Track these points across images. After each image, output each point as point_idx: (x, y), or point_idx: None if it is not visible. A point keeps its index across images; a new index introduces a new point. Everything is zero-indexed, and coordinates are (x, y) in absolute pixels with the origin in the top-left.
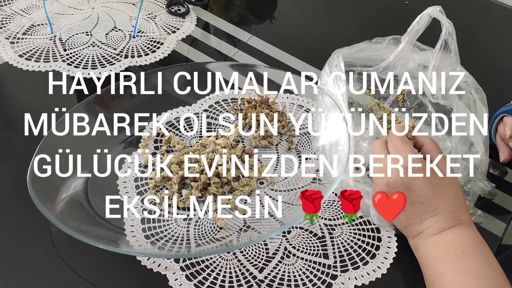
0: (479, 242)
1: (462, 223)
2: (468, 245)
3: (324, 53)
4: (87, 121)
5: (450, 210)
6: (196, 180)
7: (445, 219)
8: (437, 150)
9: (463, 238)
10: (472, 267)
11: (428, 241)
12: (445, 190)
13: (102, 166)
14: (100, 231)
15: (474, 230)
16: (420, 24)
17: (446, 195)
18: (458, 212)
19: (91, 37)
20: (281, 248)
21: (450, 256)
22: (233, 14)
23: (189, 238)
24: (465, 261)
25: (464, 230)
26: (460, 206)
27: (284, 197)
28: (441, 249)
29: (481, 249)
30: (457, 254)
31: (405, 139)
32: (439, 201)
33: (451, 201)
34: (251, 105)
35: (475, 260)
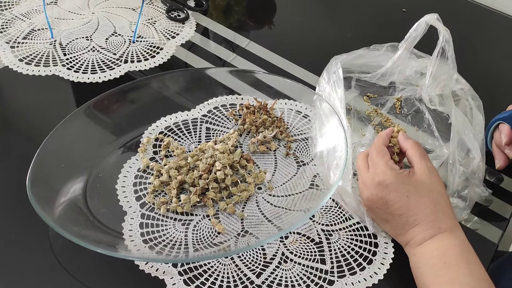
0: (461, 250)
1: (443, 231)
2: (449, 254)
3: (323, 59)
4: (86, 126)
5: (428, 220)
6: (195, 185)
7: (425, 229)
8: (418, 155)
9: (444, 247)
10: (454, 278)
11: (414, 252)
12: (421, 200)
13: (101, 171)
14: (98, 235)
15: (456, 237)
16: (417, 31)
17: (423, 204)
18: (437, 220)
19: (91, 42)
20: (279, 253)
21: (432, 267)
22: (232, 19)
23: (187, 243)
24: (446, 272)
25: (445, 238)
26: (439, 213)
27: (282, 202)
28: (425, 260)
29: (463, 257)
30: (439, 266)
31: (381, 150)
32: (417, 212)
33: (429, 210)
34: (250, 111)
35: (457, 270)
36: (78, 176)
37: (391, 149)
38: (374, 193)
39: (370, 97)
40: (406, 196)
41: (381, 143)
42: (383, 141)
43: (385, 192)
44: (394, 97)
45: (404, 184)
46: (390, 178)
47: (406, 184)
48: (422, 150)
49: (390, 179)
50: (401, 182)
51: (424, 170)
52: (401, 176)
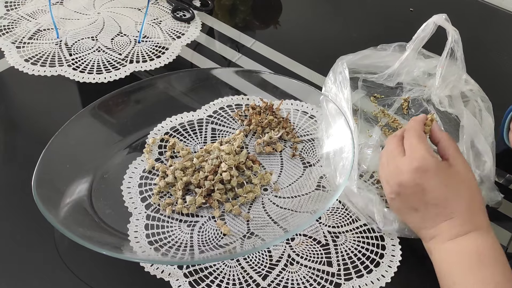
0: (496, 250)
1: (478, 229)
2: (484, 253)
3: (329, 59)
4: (91, 127)
5: (465, 214)
6: (200, 186)
7: (460, 223)
8: (453, 148)
9: (479, 245)
10: (488, 277)
11: (443, 247)
12: (460, 192)
13: (106, 172)
14: (103, 236)
15: (491, 236)
16: (425, 32)
17: (461, 197)
18: (474, 216)
19: (96, 42)
20: (285, 255)
21: (465, 265)
22: (238, 19)
23: (193, 245)
24: (480, 271)
25: (480, 236)
26: (476, 209)
27: (288, 204)
28: (456, 256)
29: (497, 258)
30: (472, 263)
31: (421, 136)
32: (454, 204)
33: (467, 204)
34: (256, 112)
35: (491, 270)
36: (83, 177)
37: None
38: (411, 179)
39: (377, 98)
40: (445, 185)
41: (420, 128)
42: (420, 127)
43: (423, 178)
44: (402, 97)
45: (444, 173)
46: (431, 164)
47: (446, 174)
48: (456, 144)
49: (431, 165)
50: (441, 170)
51: (461, 163)
52: (441, 165)
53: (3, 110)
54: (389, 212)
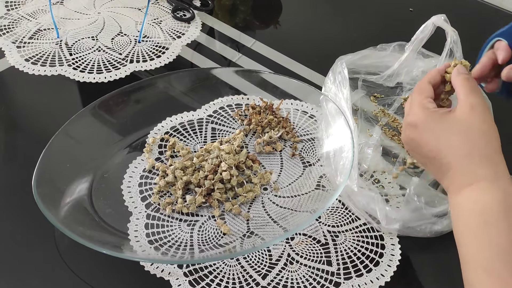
0: (504, 206)
1: (481, 180)
2: (488, 211)
3: (329, 59)
4: (91, 126)
5: (462, 164)
6: (200, 185)
7: (460, 174)
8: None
9: (483, 202)
10: (492, 240)
11: (452, 203)
12: (454, 140)
13: (107, 171)
14: (104, 236)
15: (499, 189)
16: (425, 33)
17: (456, 146)
18: (474, 165)
19: (97, 41)
20: (284, 254)
21: (469, 225)
22: (238, 19)
23: (193, 244)
24: (484, 233)
25: (485, 190)
26: (476, 156)
27: (287, 203)
28: (462, 215)
29: (506, 216)
30: (476, 224)
31: (420, 88)
32: (448, 153)
33: (463, 151)
34: (256, 111)
35: (496, 232)
36: (83, 176)
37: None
38: (406, 134)
39: (377, 97)
40: (435, 136)
41: (426, 80)
42: (430, 77)
43: (415, 133)
44: (401, 97)
45: (435, 123)
46: (420, 117)
47: (437, 123)
48: (474, 85)
49: (420, 119)
50: (431, 121)
51: (465, 106)
52: (433, 115)
53: (4, 110)
54: (391, 211)
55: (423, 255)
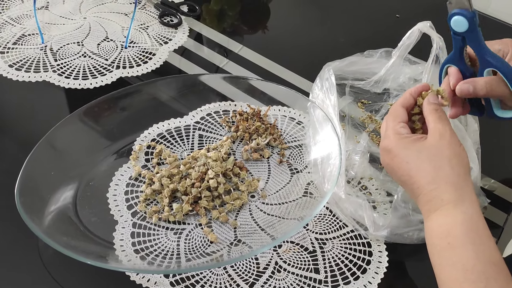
0: (466, 228)
1: (445, 204)
2: (452, 234)
3: (316, 65)
4: (77, 133)
5: (429, 189)
6: (187, 193)
7: (427, 200)
8: (434, 119)
9: (447, 225)
10: (457, 261)
11: (424, 227)
12: (422, 166)
13: (92, 179)
14: (88, 245)
15: (461, 212)
16: (411, 39)
17: (422, 171)
18: (439, 189)
19: (82, 47)
20: (272, 262)
21: (436, 248)
22: (226, 24)
23: (179, 252)
24: (450, 254)
25: (448, 214)
26: (441, 182)
27: (275, 210)
28: (429, 239)
29: (469, 237)
30: (442, 246)
31: (393, 113)
32: (417, 179)
33: (429, 177)
34: (243, 118)
35: (461, 253)
36: (68, 184)
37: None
38: (382, 159)
39: (364, 104)
40: (405, 162)
41: (399, 104)
42: (403, 101)
43: (388, 158)
44: (388, 103)
45: (406, 149)
46: (391, 143)
47: (407, 149)
48: (442, 114)
49: (391, 144)
50: (402, 147)
51: (434, 133)
52: (403, 141)
53: None
54: (379, 217)
55: (410, 262)
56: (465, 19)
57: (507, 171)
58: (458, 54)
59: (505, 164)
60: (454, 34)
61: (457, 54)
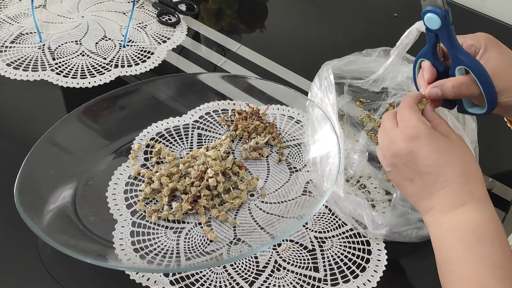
0: (494, 226)
1: (475, 200)
2: (483, 230)
3: (315, 64)
4: (75, 132)
5: (460, 182)
6: (186, 192)
7: (455, 192)
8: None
9: (477, 220)
10: (486, 257)
11: (440, 221)
12: (454, 160)
13: (91, 178)
14: (88, 244)
15: (490, 210)
16: (409, 38)
17: (455, 164)
18: (470, 185)
19: (80, 46)
20: (271, 261)
21: (462, 242)
22: (224, 23)
23: (179, 251)
24: (478, 249)
25: (478, 210)
26: (472, 177)
27: (274, 209)
28: (453, 232)
29: (496, 234)
30: (470, 241)
31: (413, 107)
32: (448, 171)
33: (461, 172)
34: (242, 117)
35: (490, 249)
36: (67, 183)
37: None
38: (404, 147)
39: (362, 103)
40: (438, 151)
41: (412, 101)
42: (413, 100)
43: (416, 146)
44: (387, 102)
45: (437, 140)
46: (423, 131)
47: (439, 140)
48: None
49: (423, 133)
50: (434, 137)
51: (455, 135)
52: (434, 132)
53: None
54: (378, 216)
55: (409, 260)
56: (438, 17)
57: (504, 170)
58: (431, 49)
59: (503, 163)
60: (427, 30)
61: (430, 49)
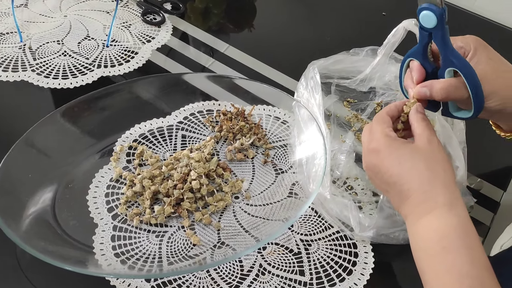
0: (461, 232)
1: (440, 206)
2: (448, 238)
3: (302, 63)
4: (56, 134)
5: (423, 190)
6: (169, 195)
7: (419, 202)
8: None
9: (442, 228)
10: (453, 266)
11: (412, 231)
12: (415, 166)
13: (72, 181)
14: (67, 250)
15: (456, 215)
16: (396, 37)
17: (417, 173)
18: (434, 191)
19: (62, 46)
20: (256, 264)
21: (429, 252)
22: (211, 22)
23: (161, 256)
24: (444, 259)
25: (443, 217)
26: (436, 183)
27: (259, 212)
28: (422, 242)
29: (463, 241)
30: (436, 251)
31: (380, 119)
32: (411, 179)
33: (423, 178)
34: (227, 117)
35: (456, 257)
36: (46, 186)
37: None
38: (368, 160)
39: (350, 103)
40: (398, 162)
41: (384, 112)
42: (388, 110)
43: (378, 159)
44: (375, 102)
45: (397, 150)
46: (383, 144)
47: (399, 151)
48: (429, 123)
49: (382, 145)
50: (394, 148)
51: (423, 138)
52: (394, 143)
53: None
54: (365, 218)
55: (396, 263)
56: (434, 15)
57: (493, 170)
58: (421, 49)
59: (491, 163)
60: (421, 28)
61: (421, 49)
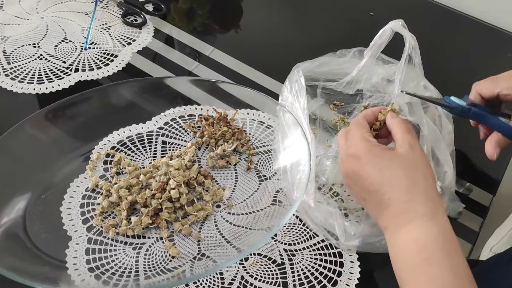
0: (441, 242)
1: (420, 216)
2: (428, 248)
3: (288, 66)
4: (28, 142)
5: (403, 200)
6: (147, 205)
7: (399, 212)
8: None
9: (423, 238)
10: (434, 277)
11: (392, 241)
12: (395, 175)
13: (44, 192)
14: (36, 266)
15: (436, 225)
16: (383, 38)
17: (398, 181)
18: (414, 201)
19: (38, 49)
20: (238, 277)
21: (409, 264)
22: (196, 23)
23: (138, 269)
24: (426, 270)
25: (424, 227)
26: (416, 193)
27: (242, 221)
28: (403, 254)
29: (444, 250)
30: (417, 262)
31: (359, 123)
32: (391, 188)
33: (403, 186)
34: (209, 123)
35: (437, 268)
36: (17, 197)
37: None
38: (347, 167)
39: (336, 105)
40: (378, 169)
41: (361, 117)
42: (364, 115)
43: (357, 165)
44: (362, 104)
45: (378, 157)
46: (362, 150)
47: (379, 157)
48: (409, 127)
49: (362, 151)
50: (374, 155)
51: (404, 144)
52: (375, 149)
53: None
54: (351, 226)
55: (383, 272)
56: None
57: (482, 173)
58: None
59: (480, 166)
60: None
61: None
